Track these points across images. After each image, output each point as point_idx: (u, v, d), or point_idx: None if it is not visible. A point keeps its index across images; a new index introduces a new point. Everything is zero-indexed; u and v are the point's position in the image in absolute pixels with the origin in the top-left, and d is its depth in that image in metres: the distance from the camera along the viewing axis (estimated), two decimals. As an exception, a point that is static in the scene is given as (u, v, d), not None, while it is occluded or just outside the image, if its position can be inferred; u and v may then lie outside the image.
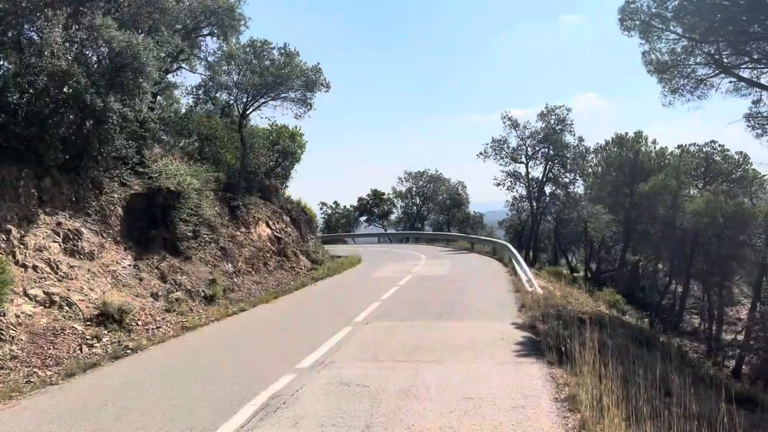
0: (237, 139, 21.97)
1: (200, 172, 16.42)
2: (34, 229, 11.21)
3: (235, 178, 20.77)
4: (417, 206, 53.51)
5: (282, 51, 22.62)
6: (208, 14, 18.01)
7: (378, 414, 5.89)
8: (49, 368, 8.30)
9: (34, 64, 12.13)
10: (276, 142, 25.95)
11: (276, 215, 23.42)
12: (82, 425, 5.89)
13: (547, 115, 42.65)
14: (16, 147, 11.55)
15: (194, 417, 5.97)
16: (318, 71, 23.17)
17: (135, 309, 11.18)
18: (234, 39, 19.70)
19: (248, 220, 20.52)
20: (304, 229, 25.70)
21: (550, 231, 46.46)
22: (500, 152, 43.90)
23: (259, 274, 18.50)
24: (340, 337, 9.76)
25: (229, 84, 22.30)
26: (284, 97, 23.54)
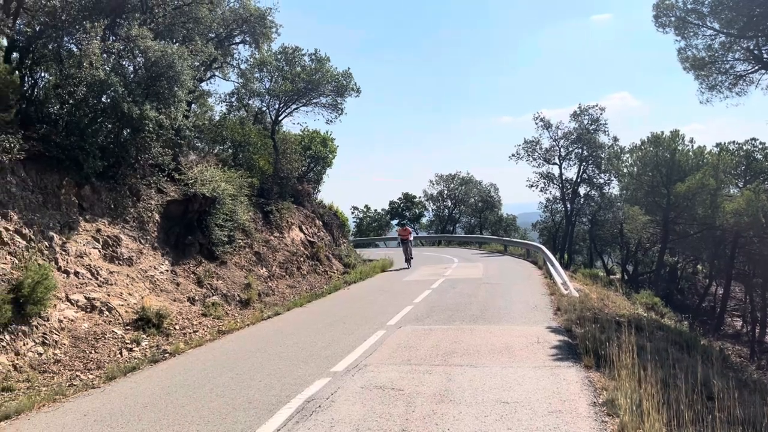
0: (270, 145, 22.25)
1: (234, 178, 16.67)
2: (75, 235, 11.52)
3: (268, 183, 21.03)
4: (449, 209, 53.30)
5: (313, 57, 22.87)
6: (240, 22, 18.28)
7: (413, 418, 5.88)
8: (91, 372, 8.51)
9: (73, 75, 12.49)
10: (308, 148, 26.20)
11: (308, 220, 23.61)
12: (124, 427, 6.02)
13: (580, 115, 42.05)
14: (57, 156, 11.88)
15: (232, 420, 6.05)
16: (348, 76, 23.32)
17: (173, 313, 11.40)
18: (266, 46, 19.93)
19: (281, 224, 20.74)
20: (336, 233, 25.85)
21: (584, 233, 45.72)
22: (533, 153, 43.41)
23: (292, 278, 18.67)
24: (373, 340, 9.77)
25: (262, 91, 22.62)
26: (315, 102, 23.78)
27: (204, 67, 17.39)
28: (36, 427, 6.18)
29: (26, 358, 8.42)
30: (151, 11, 14.99)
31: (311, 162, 26.99)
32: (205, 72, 17.98)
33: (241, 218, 16.82)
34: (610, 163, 41.87)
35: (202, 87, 18.60)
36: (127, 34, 13.35)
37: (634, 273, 41.39)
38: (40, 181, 11.41)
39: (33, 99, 12.99)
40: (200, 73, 16.82)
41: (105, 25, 13.26)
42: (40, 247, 10.34)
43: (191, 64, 14.14)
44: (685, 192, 34.37)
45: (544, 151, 43.51)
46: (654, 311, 21.14)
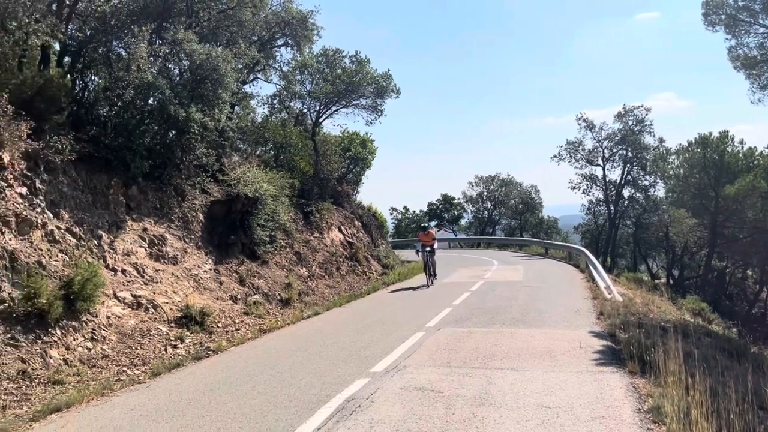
0: (310, 147, 22.47)
1: (276, 179, 16.89)
2: (123, 234, 11.85)
3: (308, 184, 21.24)
4: (488, 211, 52.83)
5: (353, 59, 23.00)
6: (282, 25, 18.51)
7: (453, 420, 5.85)
8: (137, 367, 8.74)
9: (122, 78, 12.86)
10: (347, 149, 26.34)
11: (348, 220, 23.75)
12: (168, 422, 6.16)
13: (624, 115, 41.21)
14: (106, 157, 12.25)
15: (273, 417, 6.13)
16: (388, 78, 23.40)
17: (215, 311, 11.61)
18: (307, 49, 20.15)
19: (321, 225, 20.92)
20: (374, 234, 25.93)
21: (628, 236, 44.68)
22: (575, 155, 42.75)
23: (332, 278, 18.80)
24: (412, 342, 9.76)
25: (303, 93, 22.86)
26: (355, 104, 23.94)
27: (247, 69, 17.69)
28: (85, 420, 6.38)
29: (76, 353, 8.69)
30: (196, 15, 15.31)
31: (351, 163, 27.13)
32: (248, 74, 18.29)
33: (282, 218, 17.04)
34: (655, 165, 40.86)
35: (245, 89, 18.90)
36: (173, 37, 13.66)
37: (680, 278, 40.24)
38: (89, 181, 11.78)
39: (83, 101, 13.43)
40: (243, 75, 17.12)
41: (152, 29, 13.60)
42: (89, 245, 10.67)
43: (235, 67, 14.39)
44: (735, 195, 33.23)
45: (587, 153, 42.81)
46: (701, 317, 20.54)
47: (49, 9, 11.70)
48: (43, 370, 7.91)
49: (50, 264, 9.28)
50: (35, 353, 8.13)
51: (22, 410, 6.76)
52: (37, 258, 9.12)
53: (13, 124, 9.99)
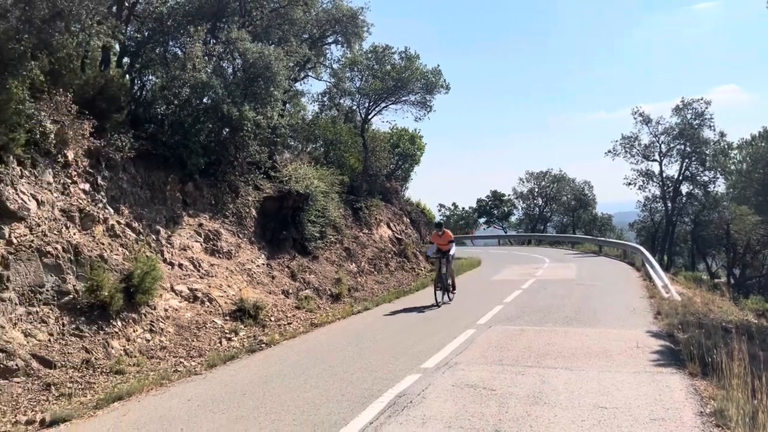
0: (359, 143, 22.59)
1: (326, 176, 17.05)
2: (179, 229, 12.18)
3: (357, 180, 21.35)
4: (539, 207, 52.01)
5: (403, 55, 22.97)
6: (333, 23, 18.65)
7: (506, 418, 5.77)
8: (194, 359, 8.97)
9: (178, 77, 13.20)
10: (396, 145, 26.37)
11: (396, 217, 23.77)
12: (224, 413, 6.29)
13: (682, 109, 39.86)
14: (163, 154, 12.61)
15: (325, 411, 6.18)
16: (438, 73, 23.27)
17: (268, 305, 11.81)
18: (357, 46, 20.24)
19: (370, 221, 21.00)
20: (423, 230, 25.88)
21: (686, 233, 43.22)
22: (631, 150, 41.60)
23: (380, 274, 18.86)
24: (462, 339, 9.68)
25: (352, 90, 23.01)
26: (404, 100, 23.93)
27: (298, 67, 17.90)
28: (146, 409, 6.59)
29: (136, 344, 8.99)
30: (249, 14, 15.59)
31: (399, 159, 27.15)
32: (299, 72, 18.52)
33: (332, 214, 17.20)
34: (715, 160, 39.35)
35: (296, 87, 19.16)
36: (227, 37, 13.95)
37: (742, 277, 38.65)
38: (148, 178, 12.15)
39: (141, 100, 13.87)
40: (294, 73, 17.33)
41: (206, 29, 13.93)
42: (148, 240, 11.02)
43: (286, 65, 14.58)
44: (802, 191, 31.61)
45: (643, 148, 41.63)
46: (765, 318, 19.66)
47: (110, 11, 12.11)
48: (105, 360, 8.21)
49: (111, 258, 9.62)
50: (98, 343, 8.45)
51: (86, 398, 7.03)
52: (99, 252, 9.47)
53: (77, 123, 10.39)
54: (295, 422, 5.88)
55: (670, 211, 41.25)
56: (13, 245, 8.24)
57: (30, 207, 8.80)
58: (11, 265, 8.04)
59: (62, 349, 7.96)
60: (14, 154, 8.92)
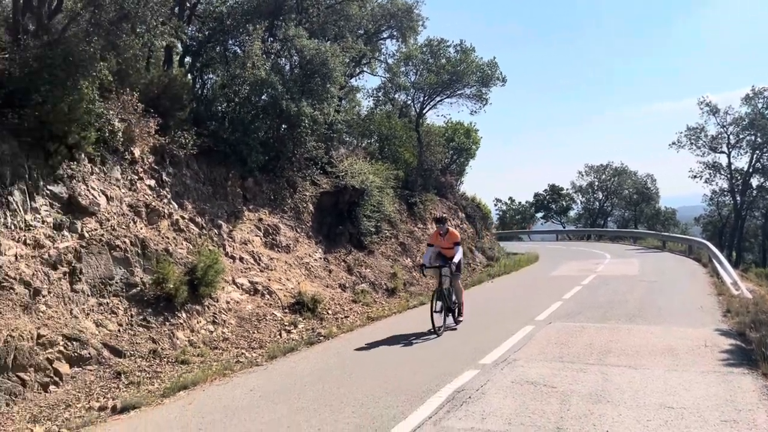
0: (414, 138, 22.53)
1: (381, 171, 17.09)
2: (240, 224, 12.47)
3: (412, 175, 21.31)
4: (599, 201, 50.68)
5: (458, 48, 22.76)
6: (388, 18, 18.67)
7: (568, 416, 5.65)
8: (254, 350, 9.17)
9: (238, 75, 13.50)
10: (451, 139, 26.15)
11: (451, 211, 23.62)
12: (285, 404, 6.41)
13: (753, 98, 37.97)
14: (224, 151, 12.92)
15: (384, 404, 6.21)
16: (494, 66, 22.96)
17: (326, 299, 11.96)
18: (412, 40, 20.21)
19: (425, 216, 20.94)
20: (478, 225, 25.62)
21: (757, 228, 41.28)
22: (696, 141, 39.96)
23: (436, 269, 18.76)
24: (521, 335, 9.54)
25: (407, 84, 22.94)
26: (460, 93, 23.71)
27: (354, 63, 18.00)
28: (210, 398, 6.78)
29: (199, 335, 9.27)
30: (306, 11, 15.77)
31: (454, 154, 26.92)
32: (354, 68, 18.62)
33: (387, 209, 17.23)
34: (790, 151, 37.38)
35: (351, 83, 19.29)
36: (284, 34, 14.17)
37: (819, 274, 36.57)
38: (210, 174, 12.49)
39: (203, 99, 14.24)
40: (350, 69, 17.43)
41: (265, 27, 14.17)
42: (210, 234, 11.33)
43: (342, 61, 14.69)
44: None
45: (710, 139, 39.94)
46: None
47: (172, 12, 12.48)
48: (170, 350, 8.50)
49: (176, 251, 9.94)
50: (164, 334, 8.75)
51: (153, 386, 7.31)
52: (164, 246, 9.80)
53: (143, 121, 10.78)
54: (354, 414, 5.93)
55: (739, 205, 39.44)
56: (85, 239, 8.63)
57: (100, 202, 9.19)
58: (83, 258, 8.42)
59: (131, 339, 8.28)
60: (85, 151, 9.32)
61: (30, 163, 8.53)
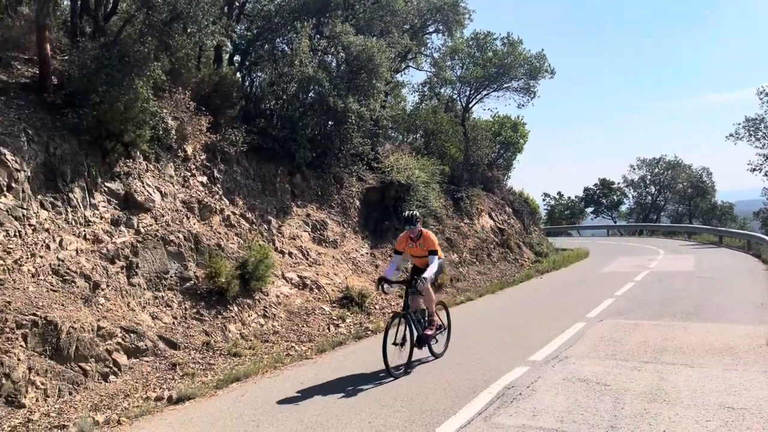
0: (460, 133, 22.35)
1: (427, 166, 17.03)
2: (289, 219, 12.64)
3: (458, 170, 21.16)
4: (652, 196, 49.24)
5: (505, 41, 22.45)
6: (434, 11, 18.57)
7: (622, 415, 5.52)
8: (304, 344, 9.29)
9: (286, 73, 13.67)
10: (498, 133, 25.86)
11: (498, 206, 23.36)
12: (336, 398, 6.48)
13: (817, 86, 36.07)
14: (273, 147, 13.12)
15: (433, 400, 6.20)
16: (542, 58, 22.56)
17: (372, 294, 12.01)
18: (458, 33, 20.05)
19: (471, 211, 20.78)
20: (526, 220, 25.27)
21: (821, 223, 39.35)
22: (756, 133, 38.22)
23: (482, 264, 18.63)
24: (572, 332, 9.36)
25: (453, 78, 22.76)
26: (507, 87, 23.41)
27: (399, 58, 17.97)
28: (262, 391, 6.91)
29: (250, 328, 9.45)
30: (352, 8, 15.84)
31: (501, 148, 26.62)
32: (400, 63, 18.59)
33: (433, 204, 17.16)
34: None
35: (396, 78, 19.26)
36: (331, 31, 14.25)
37: None
38: (259, 170, 12.70)
39: (252, 96, 14.48)
40: (396, 64, 17.42)
41: (312, 25, 14.30)
42: (260, 229, 11.53)
43: (388, 56, 14.69)
44: None
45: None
46: None
47: (222, 11, 12.72)
48: (223, 343, 8.69)
49: (227, 246, 10.15)
50: (216, 327, 8.96)
51: (207, 378, 7.49)
52: (216, 241, 10.02)
53: (195, 119, 11.05)
54: (404, 409, 5.94)
55: (802, 199, 37.67)
56: (141, 234, 8.90)
57: (155, 199, 9.46)
58: (140, 253, 8.70)
59: (185, 332, 8.51)
60: (140, 149, 9.62)
61: (89, 161, 8.85)
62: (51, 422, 6.08)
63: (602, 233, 42.56)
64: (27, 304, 6.94)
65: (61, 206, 8.25)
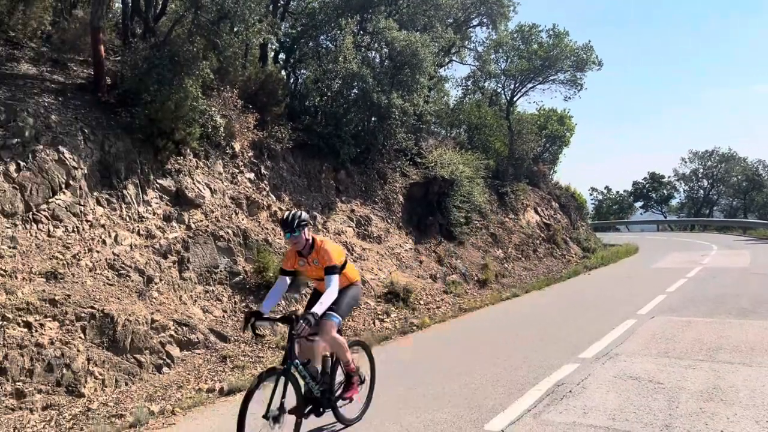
0: (504, 126, 22.12)
1: (471, 160, 16.89)
2: (333, 215, 12.74)
3: (503, 164, 20.96)
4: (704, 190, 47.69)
5: (551, 32, 22.07)
6: (478, 5, 18.40)
7: (677, 414, 5.37)
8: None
9: (330, 70, 13.76)
10: (543, 127, 25.48)
11: (544, 201, 23.03)
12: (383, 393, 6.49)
13: None
14: (317, 144, 13.23)
15: (481, 395, 6.17)
16: (589, 49, 22.12)
17: (417, 289, 12.00)
18: (502, 26, 19.80)
19: (516, 206, 20.54)
20: (573, 215, 24.83)
21: None
22: (815, 123, 36.59)
23: (528, 260, 18.40)
24: (623, 329, 9.16)
25: (497, 72, 22.51)
26: (552, 79, 23.05)
27: (443, 52, 17.87)
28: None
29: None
30: (395, 3, 15.82)
31: (547, 142, 26.22)
32: (443, 57, 18.49)
33: (477, 200, 17.04)
34: None
35: (439, 73, 19.16)
36: (374, 27, 14.27)
37: None
38: (304, 167, 12.84)
39: (296, 94, 14.65)
40: (440, 58, 17.32)
41: (356, 21, 14.35)
42: (305, 225, 11.64)
43: (432, 51, 14.62)
44: None
45: (832, 120, 36.42)
46: None
47: (267, 9, 12.89)
48: (271, 336, 8.83)
49: (275, 241, 10.30)
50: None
51: (256, 371, 7.62)
52: (264, 236, 10.18)
53: (242, 117, 11.24)
54: (451, 404, 5.93)
55: None
56: (192, 230, 9.12)
57: (205, 195, 9.68)
58: (190, 248, 8.91)
59: (235, 325, 8.69)
60: (190, 147, 9.85)
61: (141, 159, 9.12)
62: (109, 411, 6.30)
63: (652, 228, 41.50)
64: (85, 297, 7.20)
65: (116, 203, 8.52)
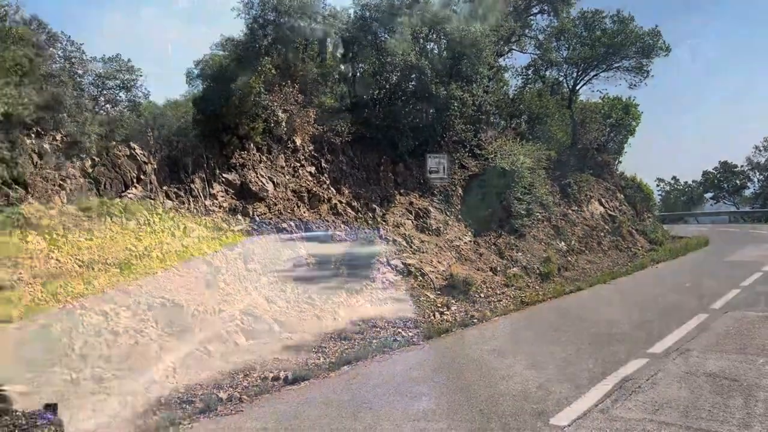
0: (567, 116, 21.58)
1: (532, 151, 16.55)
2: (392, 208, 12.78)
3: (565, 155, 20.45)
4: (780, 179, 45.13)
5: (615, 18, 21.34)
6: (538, -8, 17.98)
7: (756, 413, 5.13)
8: (410, 330, 9.37)
9: (388, 62, 13.74)
10: (608, 116, 24.68)
11: (608, 192, 22.37)
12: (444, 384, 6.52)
13: None
14: (376, 137, 13.27)
15: (546, 389, 6.06)
16: (656, 35, 21.26)
17: (477, 282, 11.91)
18: (564, 13, 19.29)
19: (579, 197, 20.04)
20: (639, 207, 24.03)
21: None
22: None
23: (592, 253, 17.92)
24: (694, 324, 8.81)
25: (559, 60, 21.95)
26: (617, 66, 22.30)
27: (503, 41, 17.58)
28: (372, 373, 7.06)
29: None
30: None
31: (611, 131, 25.38)
32: (503, 46, 18.19)
33: (538, 191, 16.69)
34: None
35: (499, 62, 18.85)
36: (433, 18, 14.15)
37: None
38: (363, 160, 12.92)
39: (354, 87, 14.70)
40: (499, 47, 17.05)
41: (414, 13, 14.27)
42: (365, 217, 11.74)
43: (492, 40, 14.40)
44: None
45: None
46: None
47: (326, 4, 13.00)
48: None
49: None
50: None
51: (319, 360, 7.74)
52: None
53: (303, 111, 11.40)
54: (515, 398, 5.86)
55: None
56: (256, 222, 9.34)
57: (268, 188, 9.89)
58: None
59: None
60: (254, 141, 10.08)
61: (207, 154, 9.39)
62: (180, 397, 6.54)
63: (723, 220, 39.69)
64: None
65: (184, 196, 8.82)
